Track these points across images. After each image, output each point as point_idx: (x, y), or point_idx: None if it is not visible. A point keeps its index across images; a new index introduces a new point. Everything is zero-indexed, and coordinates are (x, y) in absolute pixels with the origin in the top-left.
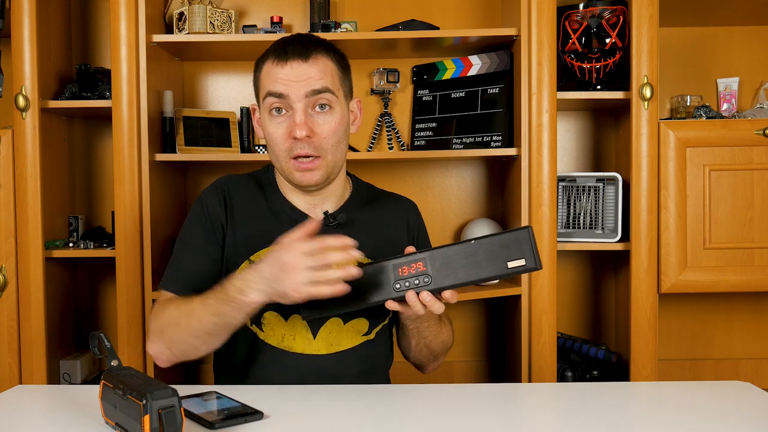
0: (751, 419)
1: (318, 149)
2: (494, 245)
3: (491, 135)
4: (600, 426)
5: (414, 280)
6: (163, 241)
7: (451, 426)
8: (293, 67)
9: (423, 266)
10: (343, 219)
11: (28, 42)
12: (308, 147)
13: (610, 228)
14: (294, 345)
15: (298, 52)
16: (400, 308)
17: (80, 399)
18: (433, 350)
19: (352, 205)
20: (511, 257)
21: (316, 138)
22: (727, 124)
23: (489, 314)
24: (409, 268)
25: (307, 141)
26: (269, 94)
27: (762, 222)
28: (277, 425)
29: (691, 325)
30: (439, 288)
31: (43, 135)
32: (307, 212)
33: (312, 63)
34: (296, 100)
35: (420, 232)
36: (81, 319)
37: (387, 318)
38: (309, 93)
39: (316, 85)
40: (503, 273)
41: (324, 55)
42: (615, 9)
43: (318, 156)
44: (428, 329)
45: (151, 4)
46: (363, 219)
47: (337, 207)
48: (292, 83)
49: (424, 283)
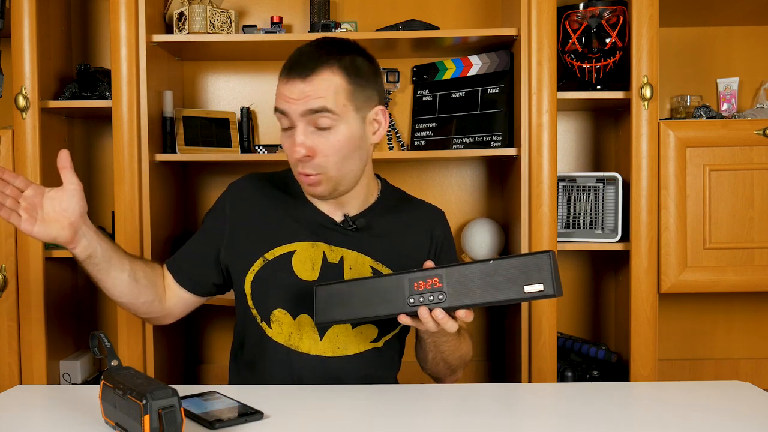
0: (751, 419)
1: (317, 167)
2: (513, 267)
3: (491, 135)
4: (600, 426)
5: (429, 296)
6: (163, 241)
7: (451, 426)
8: (293, 85)
9: (439, 282)
10: (362, 223)
11: (28, 42)
12: (309, 166)
13: (610, 228)
14: (300, 344)
15: (298, 72)
16: (412, 323)
17: (80, 399)
18: (451, 364)
19: (376, 210)
20: (530, 281)
21: (316, 157)
22: (727, 124)
23: (489, 314)
24: (425, 283)
25: (306, 160)
26: (276, 109)
27: (762, 222)
28: (277, 425)
29: (691, 325)
30: (453, 306)
31: (43, 135)
32: (329, 214)
33: (310, 81)
34: (295, 118)
35: (445, 243)
36: (81, 319)
37: (398, 328)
38: (305, 112)
39: (313, 104)
40: (520, 297)
41: (329, 71)
42: (615, 9)
43: (319, 173)
44: (446, 344)
45: (151, 4)
46: (384, 224)
47: (359, 210)
48: (291, 101)
49: (439, 300)
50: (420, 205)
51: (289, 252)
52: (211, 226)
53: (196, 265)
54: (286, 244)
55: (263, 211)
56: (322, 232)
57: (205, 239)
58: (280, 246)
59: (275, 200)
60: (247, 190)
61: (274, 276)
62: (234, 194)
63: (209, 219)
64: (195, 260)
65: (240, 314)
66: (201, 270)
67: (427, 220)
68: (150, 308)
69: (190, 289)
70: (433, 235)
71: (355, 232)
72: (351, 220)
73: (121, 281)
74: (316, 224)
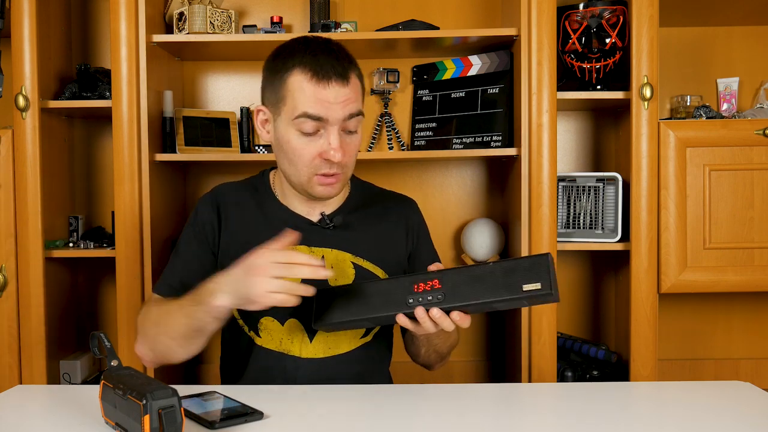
0: (751, 419)
1: (343, 167)
2: (512, 269)
3: (491, 135)
4: (600, 426)
5: (428, 296)
6: (163, 241)
7: (451, 426)
8: (335, 89)
9: (439, 284)
10: (339, 221)
11: (28, 42)
12: (336, 166)
13: (610, 228)
14: (292, 348)
15: (338, 73)
16: (411, 327)
17: (80, 399)
18: (442, 353)
19: (350, 206)
20: (528, 281)
21: (344, 158)
22: (727, 124)
23: (489, 314)
24: (425, 285)
25: (338, 161)
26: (306, 115)
27: (762, 222)
28: (277, 425)
29: (691, 325)
30: (450, 306)
31: (43, 135)
32: (305, 215)
33: (352, 86)
34: (334, 123)
35: (421, 231)
36: (81, 319)
37: None
38: (347, 117)
39: (353, 109)
40: (517, 296)
41: (355, 73)
42: (615, 9)
43: (339, 173)
44: (437, 337)
45: (151, 4)
46: (360, 220)
47: (334, 209)
48: (332, 106)
49: (437, 299)
50: (391, 197)
51: None
52: (199, 233)
53: (195, 278)
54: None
55: (240, 220)
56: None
57: (197, 249)
58: None
59: (249, 208)
60: (222, 199)
61: None
62: (212, 203)
63: (193, 230)
64: (191, 274)
65: (224, 327)
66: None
67: (401, 210)
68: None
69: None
70: (408, 225)
71: (333, 230)
72: (328, 219)
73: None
74: (294, 227)
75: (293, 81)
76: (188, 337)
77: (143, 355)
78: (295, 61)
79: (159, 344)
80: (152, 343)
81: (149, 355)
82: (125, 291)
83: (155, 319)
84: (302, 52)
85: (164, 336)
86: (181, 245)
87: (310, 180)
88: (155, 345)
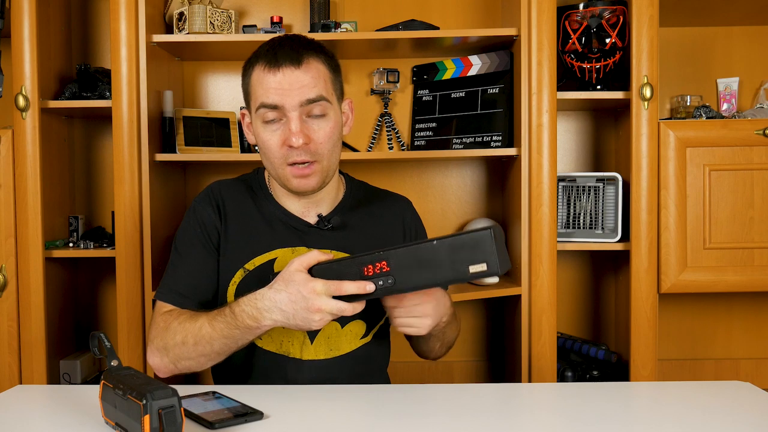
0: (751, 419)
1: (314, 154)
2: (456, 246)
3: (491, 135)
4: (600, 426)
5: (378, 280)
6: (163, 241)
7: (451, 426)
8: (286, 74)
9: (387, 266)
10: (336, 222)
11: (28, 42)
12: (304, 153)
13: (610, 228)
14: (292, 350)
15: (290, 58)
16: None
17: (80, 399)
18: (450, 342)
19: (346, 206)
20: (474, 260)
21: (312, 144)
22: (727, 124)
23: (489, 314)
24: (373, 268)
25: (304, 148)
26: (262, 105)
27: (762, 222)
28: (277, 425)
29: (691, 325)
30: (401, 290)
31: (43, 135)
32: (300, 216)
33: (305, 69)
34: (291, 109)
35: (417, 230)
36: (81, 319)
37: (383, 318)
38: (303, 102)
39: (310, 94)
40: (465, 277)
41: (316, 59)
42: (615, 9)
43: (314, 161)
44: (448, 326)
45: (151, 4)
46: (357, 220)
47: (330, 209)
48: (285, 92)
49: (388, 284)
50: (387, 196)
51: (269, 260)
52: (201, 234)
53: (203, 282)
54: (265, 252)
55: (238, 219)
56: (298, 235)
57: (202, 251)
58: (259, 255)
59: (247, 207)
60: (220, 198)
61: (258, 286)
62: (211, 202)
63: (194, 232)
64: (199, 279)
65: None
66: (208, 285)
67: (397, 210)
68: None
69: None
70: (404, 223)
71: (331, 231)
72: (326, 220)
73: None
74: (292, 228)
75: (254, 76)
76: (223, 353)
77: (161, 367)
78: (258, 58)
79: (186, 360)
80: (176, 359)
81: (169, 368)
82: (125, 291)
83: (181, 338)
84: (264, 49)
85: (195, 353)
86: (182, 248)
87: (285, 173)
88: (180, 361)
